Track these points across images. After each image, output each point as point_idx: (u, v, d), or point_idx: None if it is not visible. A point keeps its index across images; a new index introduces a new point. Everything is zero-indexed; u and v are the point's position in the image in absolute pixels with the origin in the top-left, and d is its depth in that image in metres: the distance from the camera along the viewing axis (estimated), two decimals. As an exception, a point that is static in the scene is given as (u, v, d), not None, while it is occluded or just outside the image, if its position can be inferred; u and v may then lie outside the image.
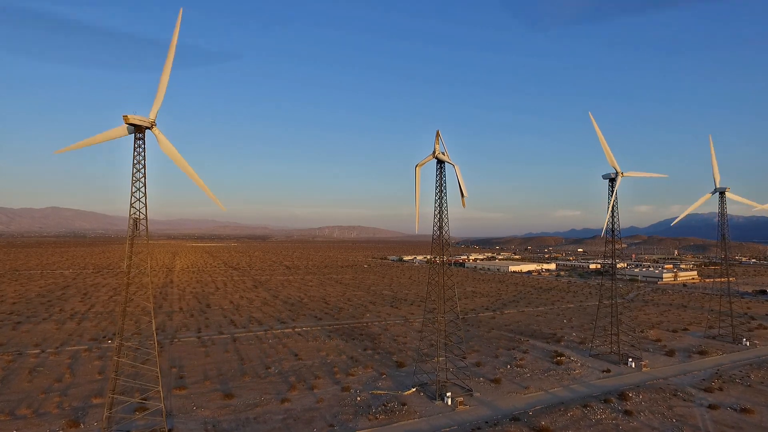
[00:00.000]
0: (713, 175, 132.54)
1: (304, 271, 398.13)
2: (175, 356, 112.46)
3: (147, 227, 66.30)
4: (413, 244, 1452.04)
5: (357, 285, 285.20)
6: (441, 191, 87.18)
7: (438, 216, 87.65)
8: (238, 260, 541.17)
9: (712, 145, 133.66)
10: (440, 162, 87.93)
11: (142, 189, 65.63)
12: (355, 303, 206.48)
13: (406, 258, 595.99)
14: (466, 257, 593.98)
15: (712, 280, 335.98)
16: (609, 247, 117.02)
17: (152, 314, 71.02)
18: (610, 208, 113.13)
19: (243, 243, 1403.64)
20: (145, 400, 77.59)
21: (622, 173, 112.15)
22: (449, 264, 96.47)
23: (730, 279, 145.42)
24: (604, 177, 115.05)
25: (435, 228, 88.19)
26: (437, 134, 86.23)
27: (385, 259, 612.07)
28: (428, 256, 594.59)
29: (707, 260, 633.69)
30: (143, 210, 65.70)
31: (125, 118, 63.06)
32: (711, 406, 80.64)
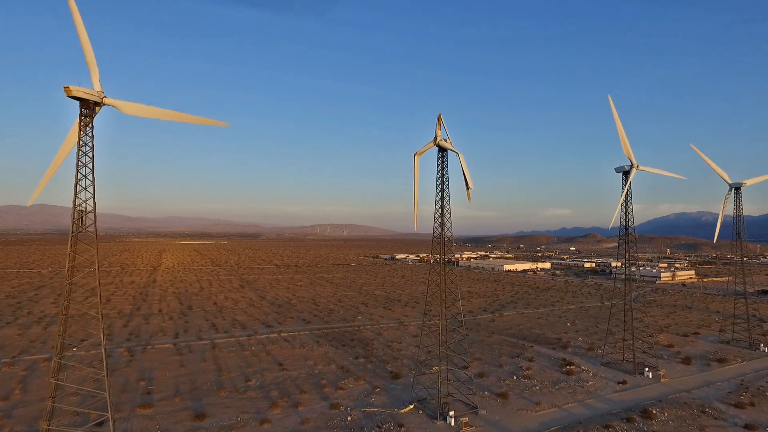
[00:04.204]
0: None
1: (293, 270, 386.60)
2: (146, 366, 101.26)
3: (95, 221, 55.39)
4: (406, 242, 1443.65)
5: (348, 285, 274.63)
6: (443, 182, 77.06)
7: (439, 210, 77.52)
8: (227, 258, 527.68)
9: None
10: (442, 150, 77.87)
11: (90, 176, 54.77)
12: (346, 304, 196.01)
13: (398, 257, 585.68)
14: (459, 256, 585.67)
15: (710, 279, 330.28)
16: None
17: (101, 328, 59.84)
18: (621, 203, 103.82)
19: (233, 241, 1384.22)
20: (100, 425, 66.56)
21: (637, 166, 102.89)
22: (453, 264, 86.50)
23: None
24: (617, 170, 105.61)
25: (436, 224, 78.08)
26: (439, 118, 75.97)
27: (377, 257, 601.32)
28: (421, 255, 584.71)
29: (700, 258, 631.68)
30: (90, 201, 54.83)
31: (66, 90, 52.15)
32: (747, 426, 71.56)
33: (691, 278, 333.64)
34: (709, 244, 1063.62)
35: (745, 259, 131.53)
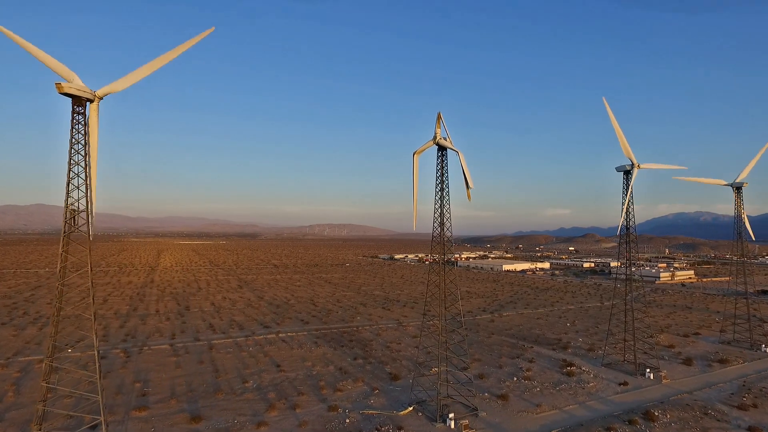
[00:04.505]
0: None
1: (292, 270, 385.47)
2: (142, 368, 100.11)
3: (88, 221, 54.25)
4: (405, 242, 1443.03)
5: (347, 285, 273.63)
6: (443, 181, 76.04)
7: (439, 210, 76.50)
8: (225, 258, 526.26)
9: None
10: (442, 149, 76.86)
11: (82, 174, 53.67)
12: (345, 304, 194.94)
13: (397, 256, 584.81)
14: (458, 256, 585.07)
15: (710, 279, 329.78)
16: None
17: (93, 329, 58.73)
18: (626, 204, 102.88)
19: (232, 241, 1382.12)
20: (93, 428, 65.41)
21: (638, 165, 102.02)
22: (452, 263, 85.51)
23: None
24: (618, 169, 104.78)
25: (435, 224, 77.06)
26: (438, 116, 74.98)
27: (376, 257, 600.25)
28: (420, 255, 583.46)
29: (699, 258, 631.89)
30: (83, 200, 53.71)
31: (58, 86, 51.01)
32: (750, 428, 70.62)
33: (690, 278, 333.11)
34: (708, 244, 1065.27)
35: (744, 259, 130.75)
